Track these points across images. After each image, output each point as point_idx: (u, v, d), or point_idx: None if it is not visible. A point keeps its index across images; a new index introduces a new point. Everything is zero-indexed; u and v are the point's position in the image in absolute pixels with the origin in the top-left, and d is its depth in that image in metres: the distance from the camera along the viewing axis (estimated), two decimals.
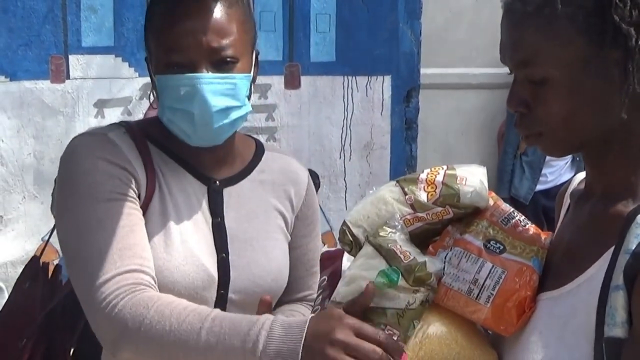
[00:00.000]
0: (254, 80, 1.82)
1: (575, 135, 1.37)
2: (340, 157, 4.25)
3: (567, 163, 5.99)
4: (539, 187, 5.99)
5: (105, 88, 3.88)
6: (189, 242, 1.75)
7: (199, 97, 1.69)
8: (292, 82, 4.13)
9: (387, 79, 4.29)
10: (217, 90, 1.70)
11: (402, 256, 1.44)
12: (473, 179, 1.53)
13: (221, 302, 1.78)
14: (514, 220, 1.51)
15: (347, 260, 1.75)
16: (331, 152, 4.25)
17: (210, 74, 1.70)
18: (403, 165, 4.38)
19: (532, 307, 1.40)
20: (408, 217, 1.53)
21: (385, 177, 4.30)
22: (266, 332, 1.47)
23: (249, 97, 1.79)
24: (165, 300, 1.59)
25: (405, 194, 1.54)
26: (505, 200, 5.48)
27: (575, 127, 1.36)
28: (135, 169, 1.73)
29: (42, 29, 3.72)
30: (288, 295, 1.93)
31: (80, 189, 1.70)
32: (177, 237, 1.75)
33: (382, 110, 4.31)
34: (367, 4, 4.19)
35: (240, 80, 1.74)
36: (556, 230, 1.56)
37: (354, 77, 4.22)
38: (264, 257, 1.84)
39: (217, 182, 1.84)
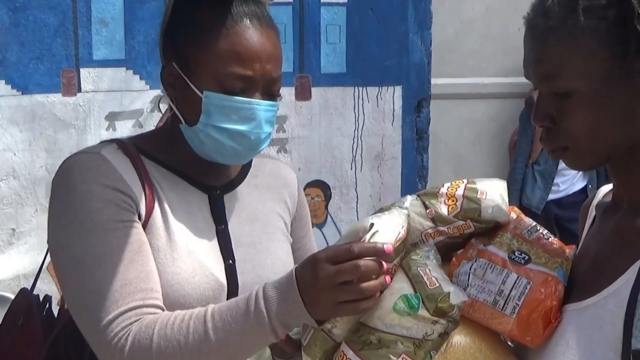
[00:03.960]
0: None
1: (601, 147, 1.37)
2: (351, 168, 4.25)
3: (579, 172, 5.97)
4: (551, 196, 5.97)
5: (116, 101, 3.89)
6: (195, 253, 1.75)
7: (257, 123, 1.72)
8: (302, 94, 4.13)
9: (398, 90, 4.29)
10: (268, 118, 1.74)
11: (427, 282, 1.41)
12: (494, 193, 1.52)
13: None
14: (537, 233, 1.50)
15: None
16: (342, 163, 4.24)
17: (267, 102, 1.73)
18: (414, 175, 4.37)
19: (558, 318, 1.39)
20: (429, 231, 1.52)
21: (397, 188, 4.29)
22: (262, 300, 1.51)
23: None
24: (161, 322, 1.58)
25: (427, 207, 1.53)
26: None
27: (600, 140, 1.36)
28: (131, 187, 1.71)
29: (53, 43, 3.73)
30: None
31: (75, 220, 1.67)
32: (184, 249, 1.74)
33: (393, 120, 4.31)
34: (377, 14, 4.20)
35: (278, 109, 1.81)
36: (581, 242, 1.55)
37: (364, 88, 4.22)
38: (269, 259, 1.85)
39: (218, 190, 1.84)
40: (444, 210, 1.52)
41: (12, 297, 2.60)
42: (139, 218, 1.70)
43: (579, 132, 1.36)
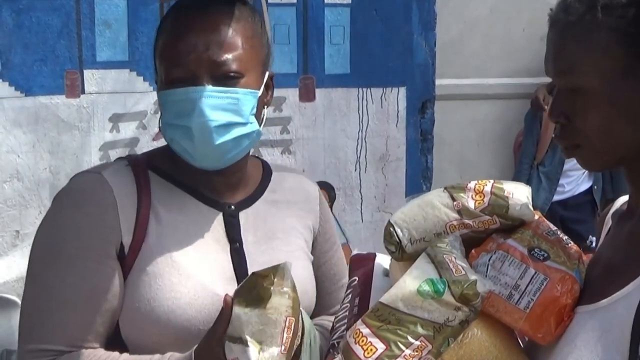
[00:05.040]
0: (267, 103, 1.77)
1: (613, 147, 1.36)
2: (355, 170, 4.24)
3: (584, 173, 5.94)
4: (556, 197, 5.95)
5: (120, 102, 3.89)
6: (198, 275, 1.69)
7: (197, 111, 1.62)
8: (306, 95, 4.12)
9: (402, 91, 4.28)
10: (218, 105, 1.64)
11: (454, 269, 1.42)
12: (520, 194, 1.54)
13: None
14: (557, 236, 1.51)
15: (380, 262, 1.74)
16: (346, 165, 4.24)
17: (210, 87, 1.64)
18: (419, 176, 4.37)
19: (570, 316, 1.39)
20: (454, 222, 1.53)
21: (401, 189, 4.29)
22: None
23: (258, 118, 1.73)
24: None
25: (454, 199, 1.54)
26: None
27: (613, 139, 1.35)
28: (119, 216, 1.67)
29: (56, 44, 3.73)
30: (320, 313, 1.89)
31: (48, 242, 1.68)
32: (184, 272, 1.69)
33: (397, 121, 4.30)
34: (381, 15, 4.19)
35: (244, 95, 1.67)
36: (597, 250, 1.56)
37: (368, 89, 4.22)
38: None
39: (233, 206, 1.78)
40: (471, 204, 1.53)
41: (16, 299, 2.58)
42: (124, 248, 1.67)
43: (591, 130, 1.35)
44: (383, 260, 1.71)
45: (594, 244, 4.89)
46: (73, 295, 1.64)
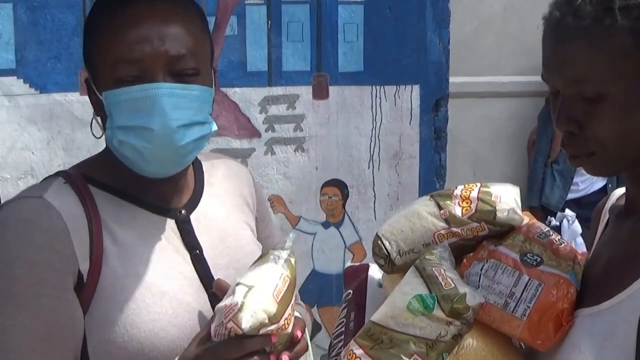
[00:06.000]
0: (214, 101, 1.66)
1: (629, 153, 1.34)
2: (368, 167, 4.23)
3: None
4: (570, 195, 5.95)
5: None
6: (170, 292, 1.59)
7: (158, 110, 1.48)
8: (320, 93, 4.11)
9: (416, 88, 4.26)
10: (178, 104, 1.50)
11: (443, 283, 1.40)
12: (508, 197, 1.52)
13: None
14: (549, 238, 1.49)
15: (373, 273, 1.72)
16: (360, 162, 4.22)
17: (169, 84, 1.50)
18: (432, 174, 4.35)
19: (569, 321, 1.37)
20: (442, 231, 1.51)
21: (415, 187, 4.27)
22: None
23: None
24: None
25: (440, 208, 1.52)
26: (536, 209, 5.46)
27: (630, 146, 1.33)
28: (72, 242, 1.53)
29: (71, 42, 3.73)
30: None
31: None
32: (156, 290, 1.58)
33: (410, 119, 4.28)
34: (395, 13, 4.18)
35: (203, 92, 1.57)
36: (594, 246, 1.53)
37: (382, 87, 4.20)
38: None
39: (182, 210, 1.66)
40: (458, 211, 1.51)
41: None
42: (82, 276, 1.54)
43: (608, 138, 1.32)
44: (376, 270, 1.67)
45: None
46: (29, 338, 1.49)
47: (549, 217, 5.68)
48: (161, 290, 1.58)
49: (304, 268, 4.08)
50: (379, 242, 1.55)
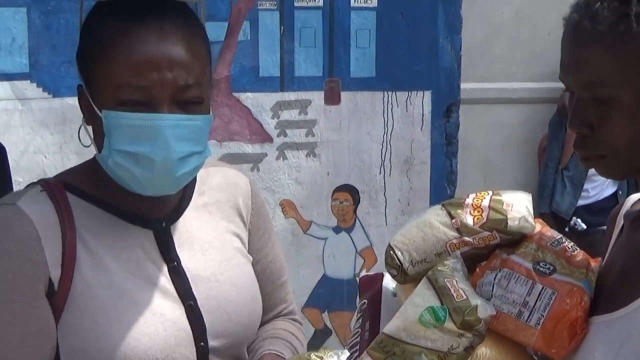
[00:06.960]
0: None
1: (638, 158, 1.34)
2: (380, 173, 4.24)
3: None
4: (581, 202, 5.92)
5: None
6: (142, 303, 1.56)
7: (161, 142, 1.47)
8: (332, 98, 4.12)
9: (427, 94, 4.27)
10: (181, 135, 1.49)
11: (455, 294, 1.40)
12: (520, 205, 1.51)
13: (204, 356, 1.62)
14: (562, 245, 1.49)
15: (387, 283, 1.72)
16: (371, 168, 4.23)
17: (175, 115, 1.49)
18: (443, 180, 4.35)
19: (584, 329, 1.37)
20: (454, 241, 1.50)
21: (426, 193, 4.28)
22: None
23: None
24: None
25: (452, 217, 1.52)
26: (546, 215, 5.43)
27: (639, 150, 1.33)
28: (44, 249, 1.51)
29: None
30: (264, 316, 1.79)
31: None
32: (129, 300, 1.55)
33: (422, 125, 4.29)
34: (407, 19, 4.18)
35: (203, 122, 1.54)
36: (608, 253, 1.53)
37: (393, 93, 4.21)
38: (234, 291, 1.68)
39: (163, 222, 1.64)
40: (469, 220, 1.51)
41: None
42: (53, 284, 1.52)
43: (619, 141, 1.33)
44: (390, 280, 1.66)
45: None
46: (1, 346, 1.48)
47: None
48: (133, 300, 1.56)
49: (315, 273, 4.09)
50: (391, 252, 1.54)
